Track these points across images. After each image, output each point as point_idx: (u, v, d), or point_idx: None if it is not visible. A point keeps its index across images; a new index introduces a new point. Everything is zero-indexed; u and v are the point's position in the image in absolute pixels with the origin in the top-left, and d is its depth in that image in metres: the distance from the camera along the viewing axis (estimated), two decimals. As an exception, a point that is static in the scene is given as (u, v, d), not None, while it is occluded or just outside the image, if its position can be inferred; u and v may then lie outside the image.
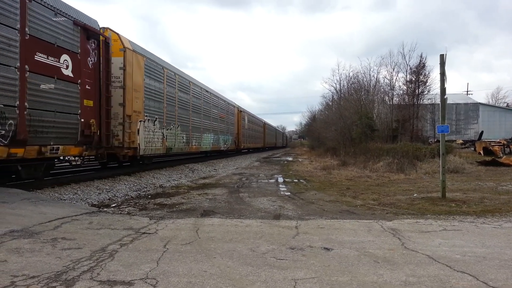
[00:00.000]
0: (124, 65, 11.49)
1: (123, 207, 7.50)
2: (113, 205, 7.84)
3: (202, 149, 21.18)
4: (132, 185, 11.05)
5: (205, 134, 20.98)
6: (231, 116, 29.18)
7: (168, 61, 16.38)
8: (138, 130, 12.28)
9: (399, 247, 4.43)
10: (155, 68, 13.93)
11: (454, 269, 3.63)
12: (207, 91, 21.77)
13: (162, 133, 14.56)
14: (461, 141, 41.62)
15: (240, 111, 33.38)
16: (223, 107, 26.20)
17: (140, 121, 12.48)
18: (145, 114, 12.92)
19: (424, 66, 29.22)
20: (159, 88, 14.27)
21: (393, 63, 33.60)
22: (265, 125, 52.81)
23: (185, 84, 17.76)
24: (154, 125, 13.71)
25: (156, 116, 13.89)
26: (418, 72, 29.26)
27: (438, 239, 4.80)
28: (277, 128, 78.26)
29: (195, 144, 19.14)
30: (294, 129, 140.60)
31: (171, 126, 15.59)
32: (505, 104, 69.64)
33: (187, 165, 18.65)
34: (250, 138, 38.41)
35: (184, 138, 17.27)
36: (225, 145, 26.57)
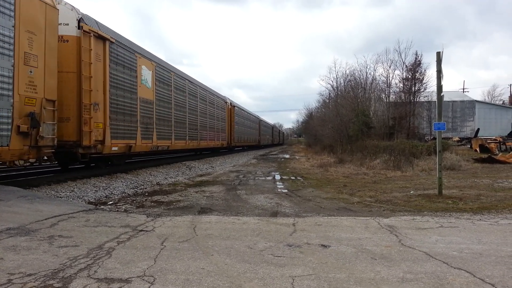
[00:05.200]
0: None
1: (120, 205, 7.47)
2: (110, 202, 7.82)
3: None
4: (129, 182, 11.02)
5: None
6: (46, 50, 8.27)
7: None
8: None
9: (396, 244, 4.44)
10: None
11: (451, 266, 3.64)
12: None
13: None
14: (457, 139, 41.81)
15: (140, 54, 13.12)
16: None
17: None
18: None
19: (419, 64, 29.23)
20: None
21: (389, 60, 33.40)
22: (233, 108, 30.69)
23: None
24: None
25: None
26: (414, 69, 29.31)
27: (435, 236, 4.82)
28: (262, 119, 52.41)
29: None
30: (291, 127, 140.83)
31: None
32: (501, 102, 69.99)
33: (184, 162, 18.65)
34: (190, 130, 18.91)
35: None
36: None
